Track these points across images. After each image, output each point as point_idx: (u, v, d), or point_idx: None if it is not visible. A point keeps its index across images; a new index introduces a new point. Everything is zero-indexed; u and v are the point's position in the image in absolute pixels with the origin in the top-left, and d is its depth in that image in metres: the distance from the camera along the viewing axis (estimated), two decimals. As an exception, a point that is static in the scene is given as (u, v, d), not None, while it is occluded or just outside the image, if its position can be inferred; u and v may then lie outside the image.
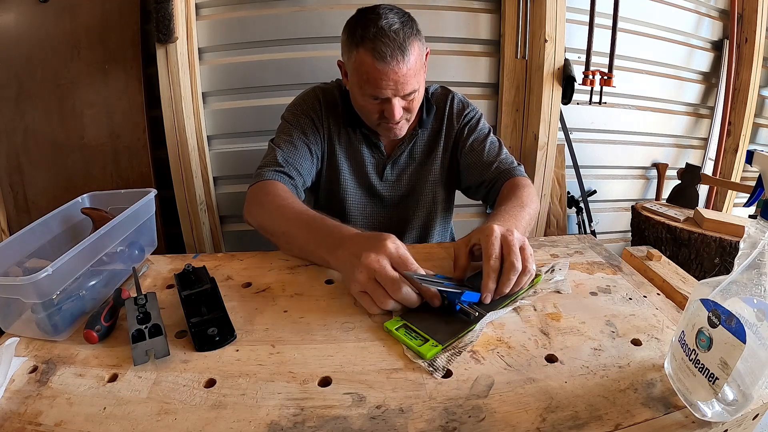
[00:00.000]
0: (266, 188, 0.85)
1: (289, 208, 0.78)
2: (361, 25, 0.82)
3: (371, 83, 0.83)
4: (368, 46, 0.80)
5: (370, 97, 0.86)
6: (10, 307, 0.55)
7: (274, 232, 0.78)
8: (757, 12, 1.87)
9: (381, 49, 0.79)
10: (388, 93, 0.84)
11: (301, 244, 0.73)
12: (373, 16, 0.82)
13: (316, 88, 1.02)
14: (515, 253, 0.60)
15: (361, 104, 0.90)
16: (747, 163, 0.55)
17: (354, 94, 0.91)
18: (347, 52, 0.86)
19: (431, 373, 0.49)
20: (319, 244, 0.68)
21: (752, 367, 0.40)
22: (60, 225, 0.71)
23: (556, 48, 1.52)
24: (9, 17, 1.45)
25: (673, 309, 0.61)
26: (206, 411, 0.44)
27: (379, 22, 0.80)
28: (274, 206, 0.80)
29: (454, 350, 0.52)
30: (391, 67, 0.80)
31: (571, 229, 1.94)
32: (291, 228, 0.74)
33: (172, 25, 1.36)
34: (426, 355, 0.51)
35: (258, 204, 0.83)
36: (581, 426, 0.41)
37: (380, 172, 1.03)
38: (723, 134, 2.02)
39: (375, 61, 0.80)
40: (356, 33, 0.82)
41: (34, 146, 1.52)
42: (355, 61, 0.83)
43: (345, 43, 0.86)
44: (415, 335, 0.54)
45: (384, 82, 0.82)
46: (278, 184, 0.86)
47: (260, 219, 0.81)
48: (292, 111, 0.99)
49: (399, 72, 0.81)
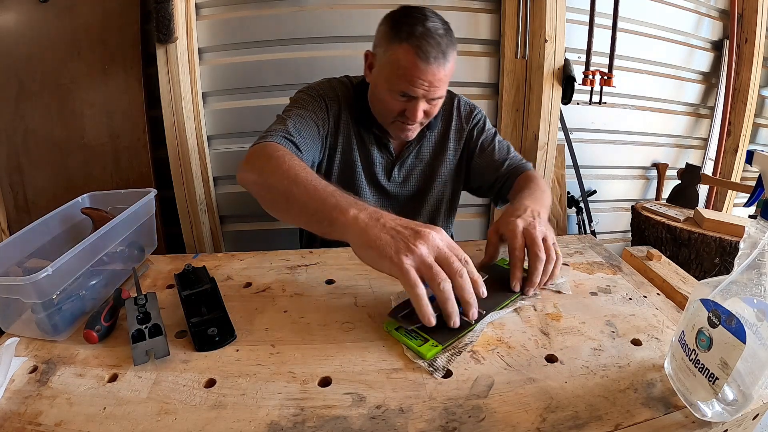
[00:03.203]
0: (274, 147, 0.78)
1: (299, 167, 0.70)
2: (407, 22, 0.82)
3: (406, 79, 0.82)
4: (413, 43, 0.80)
5: (398, 93, 0.85)
6: (10, 307, 0.55)
7: (273, 187, 0.69)
8: (757, 12, 1.87)
9: (426, 48, 0.80)
10: (419, 92, 0.84)
11: (305, 204, 0.64)
12: (420, 15, 0.82)
13: (332, 80, 1.00)
14: (538, 244, 0.64)
15: (385, 99, 0.88)
16: (747, 163, 0.55)
17: (378, 88, 0.89)
18: (385, 44, 0.84)
19: (431, 373, 0.49)
20: (334, 206, 0.60)
21: (752, 367, 0.40)
22: (60, 225, 0.71)
23: (556, 48, 1.52)
24: (9, 17, 1.45)
25: (673, 309, 0.61)
26: (206, 411, 0.44)
27: (426, 23, 0.81)
28: (283, 162, 0.72)
29: (454, 350, 0.52)
30: (430, 67, 0.81)
31: (571, 229, 1.94)
32: (298, 187, 0.65)
33: (172, 25, 1.36)
34: (426, 355, 0.50)
35: (265, 158, 0.75)
36: (581, 426, 0.41)
37: (388, 172, 1.03)
38: (723, 134, 2.02)
39: (417, 59, 0.80)
40: (402, 28, 0.81)
41: (34, 146, 1.52)
42: (392, 55, 0.82)
43: (385, 34, 0.85)
44: (415, 335, 0.54)
45: (419, 80, 0.82)
46: (287, 150, 0.79)
47: (262, 174, 0.72)
48: (307, 92, 0.96)
49: (436, 75, 0.82)
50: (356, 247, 0.57)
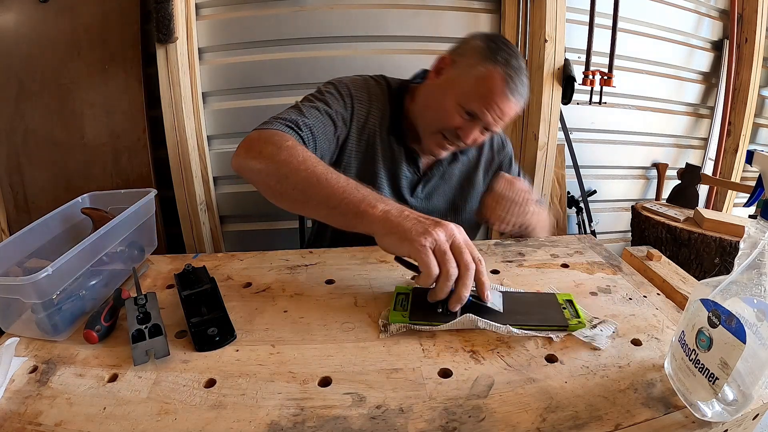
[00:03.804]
0: (283, 137, 0.75)
1: (314, 159, 0.69)
2: (506, 50, 0.83)
3: (485, 100, 0.82)
4: (507, 72, 0.81)
5: (465, 110, 0.83)
6: (10, 307, 0.55)
7: (286, 178, 0.68)
8: (757, 12, 1.87)
9: (515, 81, 0.82)
10: (488, 117, 0.83)
11: (327, 197, 0.64)
12: (516, 52, 0.84)
13: (369, 80, 0.96)
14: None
15: (447, 108, 0.85)
16: (747, 163, 0.55)
17: (444, 95, 0.86)
18: (476, 58, 0.83)
19: (380, 332, 0.56)
20: (361, 200, 0.62)
21: (752, 367, 0.40)
22: (60, 225, 0.71)
23: (556, 48, 1.52)
24: (9, 17, 1.45)
25: (673, 309, 0.61)
26: (206, 411, 0.44)
27: (519, 61, 0.84)
28: (296, 153, 0.70)
29: (411, 329, 0.56)
30: (510, 101, 0.82)
31: (571, 229, 1.94)
32: (318, 179, 0.65)
33: (172, 25, 1.36)
34: (390, 317, 0.57)
35: (273, 146, 0.72)
36: (581, 426, 0.41)
37: (412, 188, 0.98)
38: (723, 134, 2.02)
39: (505, 87, 0.81)
40: (500, 53, 0.82)
41: (34, 146, 1.52)
42: (482, 72, 0.81)
43: (479, 50, 0.83)
44: (405, 305, 0.59)
45: (496, 107, 0.82)
46: (296, 140, 0.76)
47: (273, 163, 0.70)
48: (335, 87, 0.91)
49: (511, 109, 0.84)
50: (380, 236, 0.61)
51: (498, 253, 0.78)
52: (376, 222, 0.60)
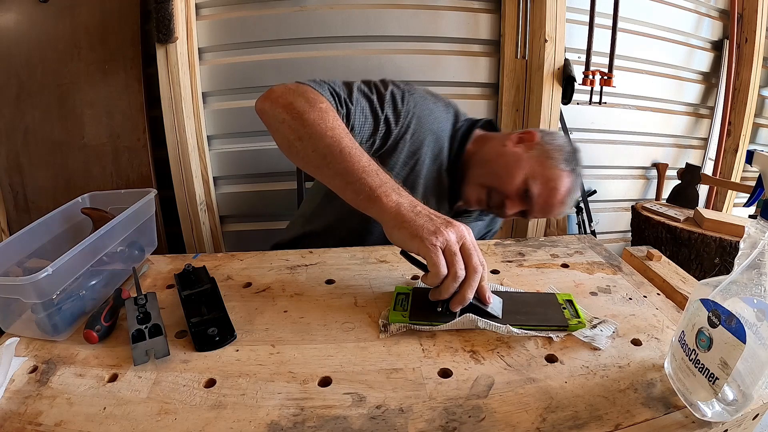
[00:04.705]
0: (318, 97, 0.72)
1: (343, 130, 0.67)
2: (581, 166, 0.90)
3: (541, 186, 0.85)
4: (572, 180, 0.87)
5: (525, 187, 0.85)
6: (10, 307, 0.55)
7: (310, 138, 0.66)
8: (757, 12, 1.87)
9: (572, 191, 0.88)
10: (537, 204, 0.86)
11: (346, 170, 0.63)
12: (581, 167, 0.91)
13: (438, 101, 0.93)
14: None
15: (513, 173, 0.85)
16: (747, 163, 0.55)
17: (516, 163, 0.86)
18: (561, 155, 0.86)
19: (380, 332, 0.56)
20: (378, 186, 0.61)
21: (752, 367, 0.40)
22: (60, 225, 0.71)
23: (556, 48, 1.52)
24: (9, 17, 1.45)
25: (673, 309, 0.61)
26: (206, 411, 0.44)
27: (581, 172, 0.91)
28: (327, 117, 0.68)
29: (411, 329, 0.56)
30: (561, 207, 0.87)
31: (571, 229, 1.94)
32: (342, 151, 0.64)
33: (172, 25, 1.36)
34: (390, 317, 0.57)
35: (306, 102, 0.70)
36: (581, 426, 0.41)
37: None
38: (723, 134, 2.02)
39: (565, 192, 0.86)
40: (578, 166, 0.89)
41: (34, 146, 1.52)
42: (555, 173, 0.85)
43: (562, 150, 0.87)
44: (404, 305, 0.59)
45: (550, 202, 0.86)
46: (332, 106, 0.73)
47: (300, 119, 0.67)
48: (402, 93, 0.86)
49: (556, 210, 0.88)
50: (389, 227, 0.60)
51: (498, 253, 0.78)
52: (386, 212, 0.59)
